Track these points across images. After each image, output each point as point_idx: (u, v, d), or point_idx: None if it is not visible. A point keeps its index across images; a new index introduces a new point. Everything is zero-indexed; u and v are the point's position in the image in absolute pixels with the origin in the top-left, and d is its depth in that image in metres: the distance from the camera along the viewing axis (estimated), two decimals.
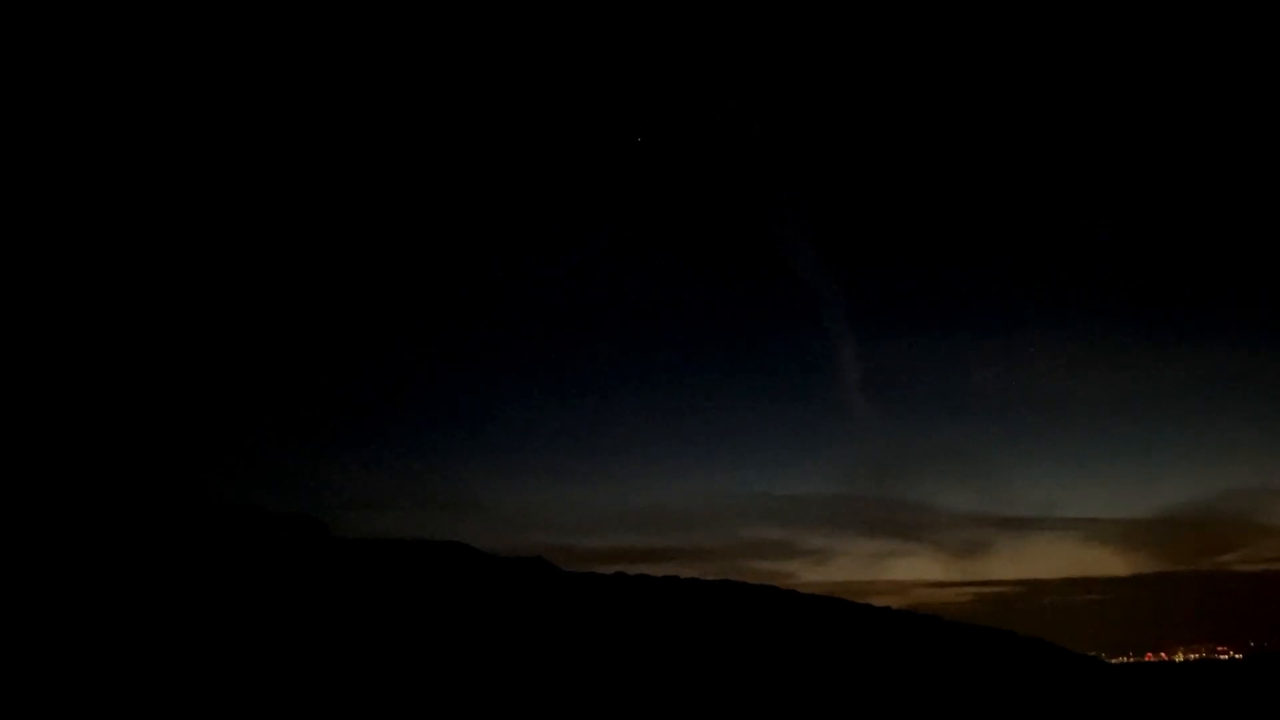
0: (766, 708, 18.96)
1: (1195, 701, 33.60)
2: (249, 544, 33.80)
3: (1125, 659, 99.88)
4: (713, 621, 27.47)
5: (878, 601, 40.79)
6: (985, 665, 27.16)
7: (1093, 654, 54.17)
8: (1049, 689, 26.33)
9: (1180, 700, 31.96)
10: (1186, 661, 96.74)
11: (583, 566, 40.69)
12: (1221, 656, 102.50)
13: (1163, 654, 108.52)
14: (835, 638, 26.21)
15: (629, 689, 20.01)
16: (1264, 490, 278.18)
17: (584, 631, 25.81)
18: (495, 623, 26.34)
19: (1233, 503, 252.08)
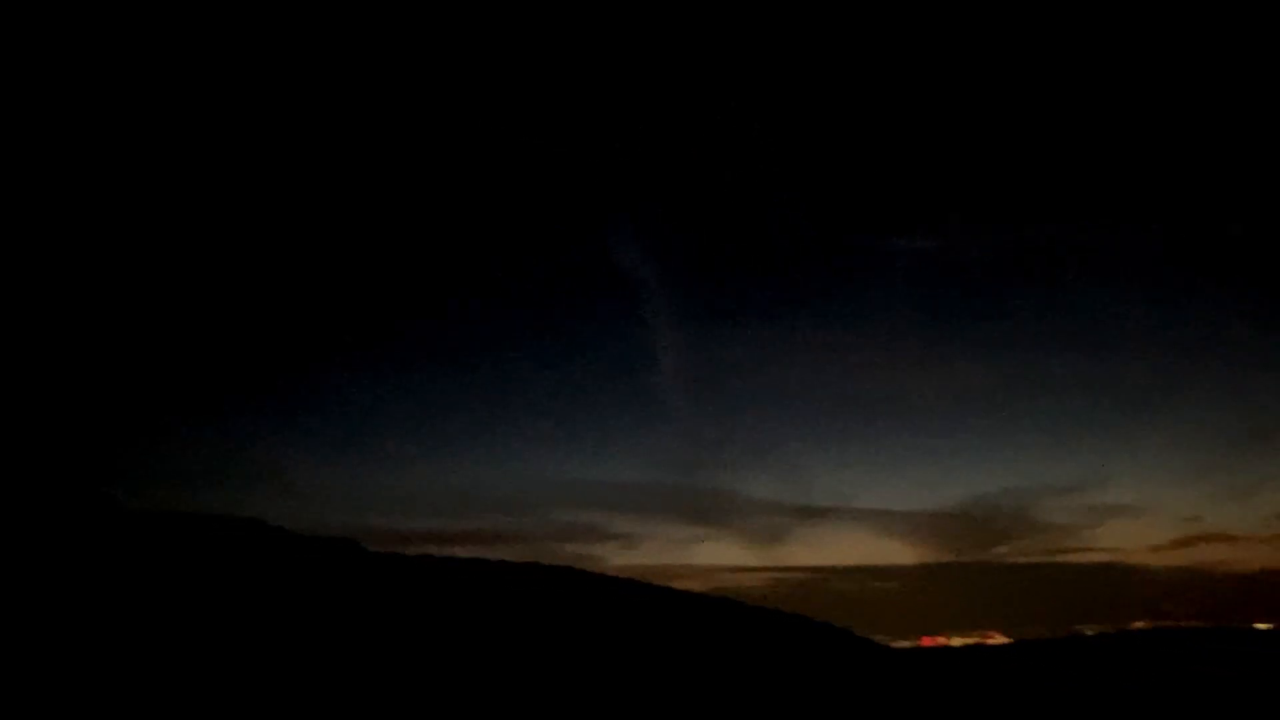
0: (557, 686, 19.31)
1: (967, 683, 36.17)
2: (34, 517, 31.66)
3: (907, 643, 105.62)
4: (512, 603, 27.67)
5: (680, 585, 41.96)
6: (775, 647, 28.45)
7: (878, 638, 57.22)
8: (833, 670, 27.77)
9: (953, 681, 34.33)
10: (962, 646, 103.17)
11: (392, 548, 40.08)
12: (991, 642, 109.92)
13: (940, 639, 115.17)
14: (631, 619, 26.87)
15: (423, 669, 19.97)
16: (1038, 489, 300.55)
17: (385, 612, 25.51)
18: (295, 602, 25.68)
19: (1011, 500, 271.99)
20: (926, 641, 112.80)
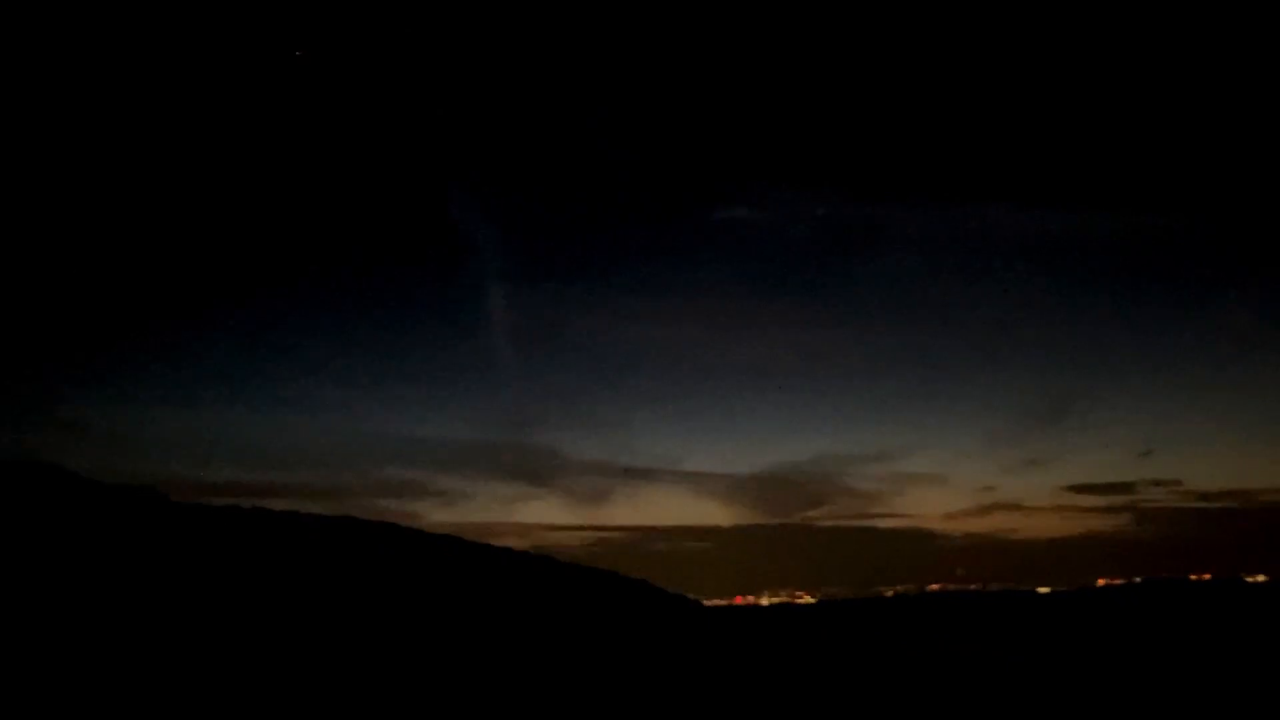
0: (363, 639, 19.07)
1: (775, 639, 37.65)
2: None
3: (721, 601, 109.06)
4: (322, 557, 27.07)
5: (499, 543, 41.90)
6: (587, 602, 28.84)
7: (692, 596, 58.76)
8: (645, 627, 28.37)
9: (762, 638, 35.66)
10: (770, 605, 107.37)
11: (200, 499, 38.48)
12: (799, 602, 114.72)
13: (750, 598, 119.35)
14: (444, 575, 26.71)
15: (223, 620, 19.34)
16: (848, 456, 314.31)
17: (186, 563, 24.52)
18: (91, 552, 24.39)
19: (822, 465, 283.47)
20: (739, 600, 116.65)
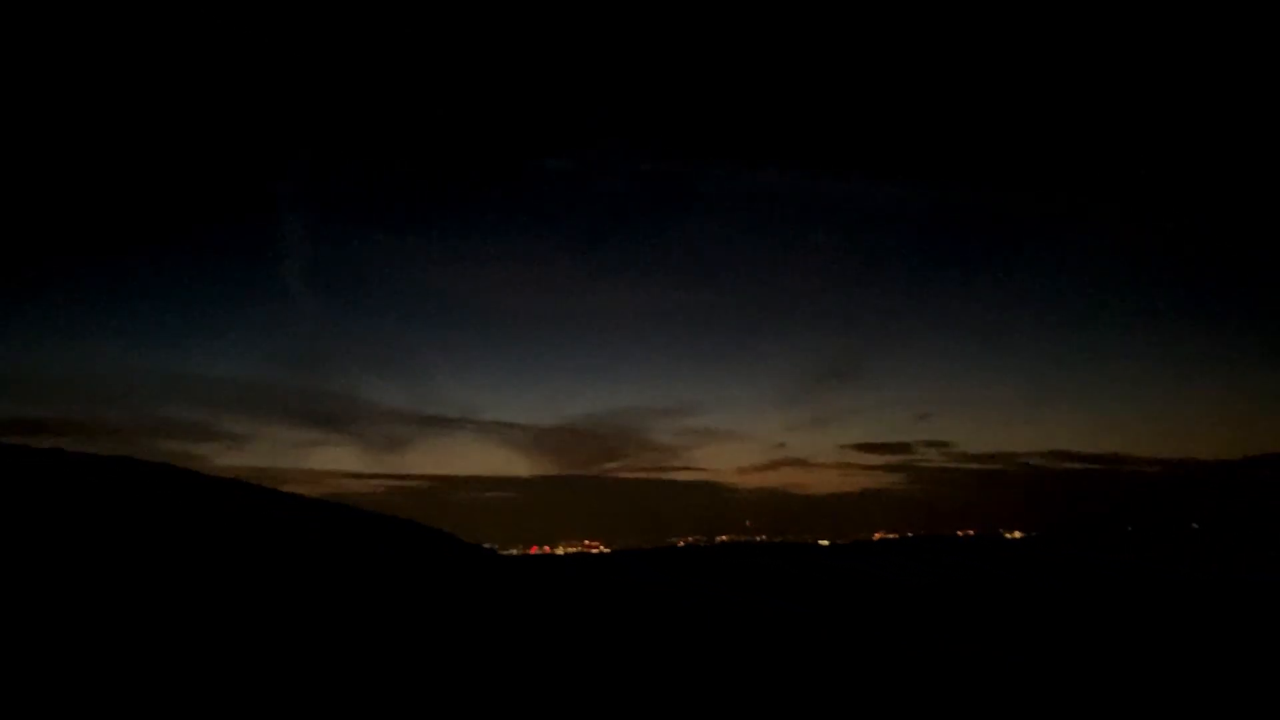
0: (132, 586, 17.91)
1: (570, 587, 37.96)
2: None
3: (515, 550, 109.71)
4: (88, 500, 25.21)
5: (290, 489, 40.40)
6: (380, 550, 28.14)
7: (488, 545, 58.68)
8: (439, 575, 27.98)
9: (558, 586, 35.88)
10: (566, 554, 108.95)
11: None
12: (592, 550, 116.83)
13: (546, 547, 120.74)
14: (228, 521, 25.42)
15: None
16: (647, 410, 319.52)
17: None
18: None
19: (622, 419, 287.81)
20: (534, 550, 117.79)
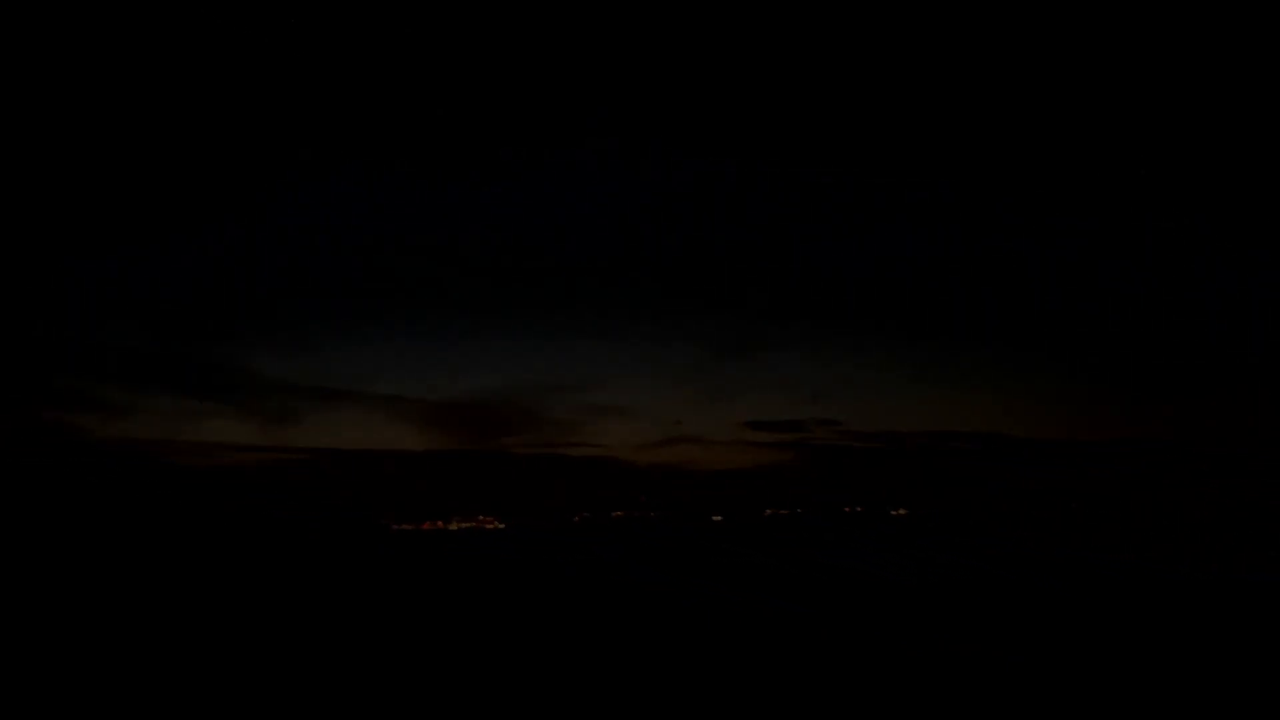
0: (30, 556, 17.56)
1: (462, 563, 38.11)
2: None
3: (407, 526, 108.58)
4: None
5: (180, 462, 39.60)
6: (272, 526, 27.88)
7: (382, 521, 58.28)
8: (333, 549, 27.88)
9: (452, 562, 36.00)
10: (459, 530, 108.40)
11: None
12: (488, 526, 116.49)
13: (439, 523, 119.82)
14: (114, 493, 24.89)
15: None
16: (545, 386, 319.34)
17: None
18: None
19: (519, 394, 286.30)
20: (427, 525, 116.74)
